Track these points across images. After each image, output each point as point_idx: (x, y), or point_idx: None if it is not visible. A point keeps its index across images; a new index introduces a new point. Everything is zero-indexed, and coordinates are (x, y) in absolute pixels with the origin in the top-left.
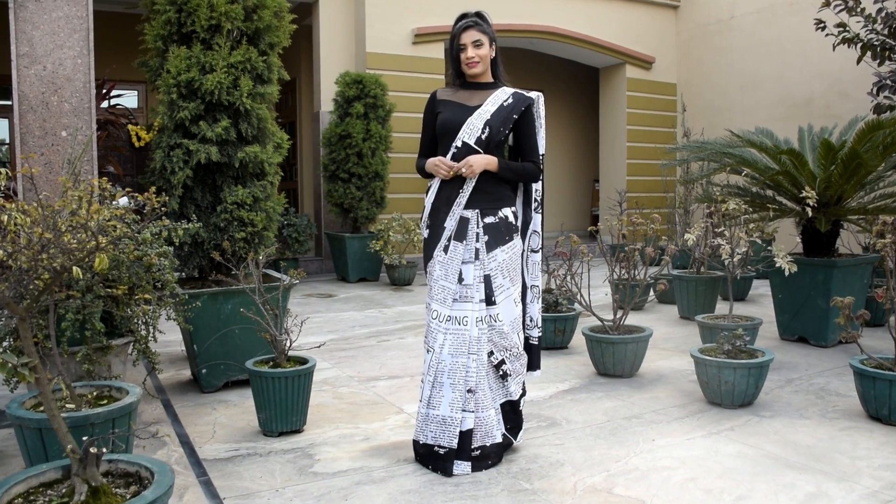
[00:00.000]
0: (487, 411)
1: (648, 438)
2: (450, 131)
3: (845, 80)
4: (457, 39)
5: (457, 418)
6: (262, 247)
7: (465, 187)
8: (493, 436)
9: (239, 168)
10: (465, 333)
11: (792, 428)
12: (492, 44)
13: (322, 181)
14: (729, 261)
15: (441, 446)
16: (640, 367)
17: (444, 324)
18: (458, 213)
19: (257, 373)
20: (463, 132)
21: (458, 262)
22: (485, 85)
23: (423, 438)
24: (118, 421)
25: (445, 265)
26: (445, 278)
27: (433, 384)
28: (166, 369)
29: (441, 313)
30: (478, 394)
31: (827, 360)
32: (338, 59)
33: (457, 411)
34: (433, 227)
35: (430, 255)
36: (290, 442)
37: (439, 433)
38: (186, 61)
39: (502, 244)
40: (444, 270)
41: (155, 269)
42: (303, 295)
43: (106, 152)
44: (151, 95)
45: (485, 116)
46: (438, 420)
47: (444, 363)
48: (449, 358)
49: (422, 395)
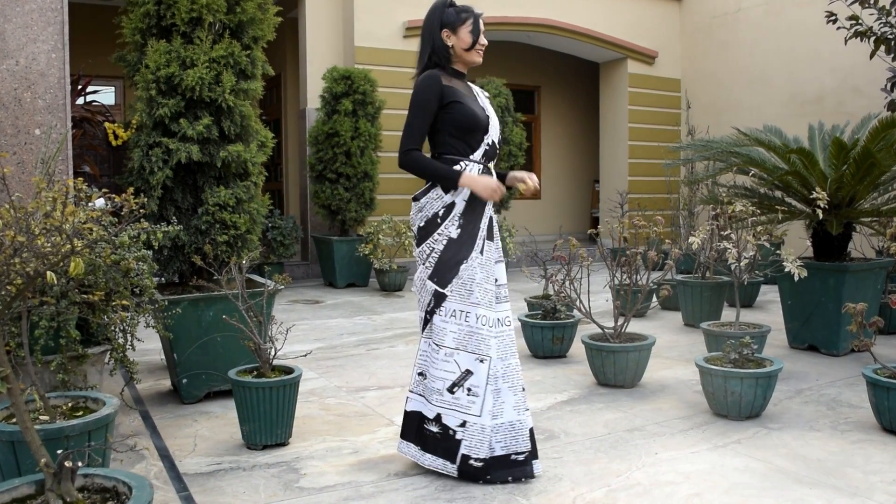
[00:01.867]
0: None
1: (651, 452)
2: (480, 127)
3: (858, 76)
4: (476, 23)
5: (523, 419)
6: (246, 250)
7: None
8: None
9: (221, 168)
10: (509, 334)
11: (802, 441)
12: None
13: (308, 182)
14: (736, 265)
15: (518, 452)
16: (642, 376)
17: (494, 328)
18: (488, 213)
19: (240, 383)
20: (493, 131)
21: (493, 263)
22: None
23: (492, 452)
24: (94, 433)
25: (486, 267)
26: (487, 280)
27: (494, 392)
28: (145, 379)
29: (490, 318)
30: (525, 391)
31: (838, 370)
32: (325, 54)
33: (521, 413)
34: (466, 227)
35: (465, 256)
36: (275, 455)
37: (511, 440)
38: (166, 56)
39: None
40: (486, 272)
41: (133, 274)
42: (288, 301)
43: (81, 151)
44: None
45: (497, 119)
46: (506, 427)
47: (497, 369)
48: (500, 362)
49: (480, 409)
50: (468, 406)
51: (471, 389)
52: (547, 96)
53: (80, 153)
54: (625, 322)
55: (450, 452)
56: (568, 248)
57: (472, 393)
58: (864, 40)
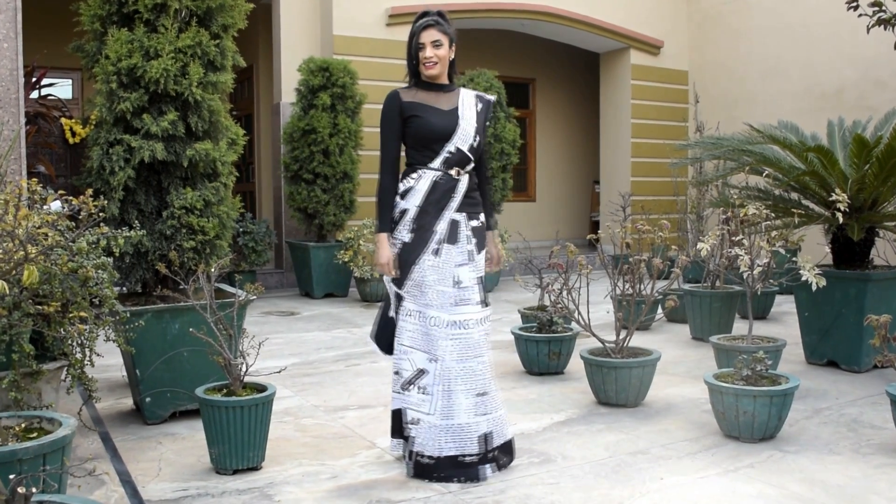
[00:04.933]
0: (499, 411)
1: (656, 477)
2: (438, 137)
3: (881, 67)
4: (416, 38)
5: (475, 423)
6: (215, 258)
7: (457, 191)
8: (505, 434)
9: (188, 168)
10: (469, 337)
11: (820, 465)
12: (451, 45)
13: (283, 182)
14: (748, 274)
15: (467, 454)
16: (646, 395)
17: (446, 329)
18: (448, 217)
19: (209, 402)
20: (457, 138)
21: (453, 266)
22: (445, 87)
23: (441, 452)
24: (50, 456)
25: (440, 269)
26: (441, 283)
27: (444, 393)
28: (105, 397)
29: (442, 319)
30: (488, 395)
31: (860, 388)
32: (301, 44)
33: (474, 417)
34: (419, 231)
35: (415, 259)
36: (247, 481)
37: (462, 442)
38: (128, 45)
39: (483, 248)
40: (440, 275)
41: (92, 284)
42: (261, 312)
43: (36, 149)
44: (88, 85)
45: (473, 124)
46: (456, 429)
47: (453, 370)
48: (457, 364)
49: (431, 408)
50: (419, 404)
51: (424, 388)
52: (542, 89)
53: (35, 151)
54: (627, 335)
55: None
56: (565, 255)
57: (424, 392)
58: (889, 28)
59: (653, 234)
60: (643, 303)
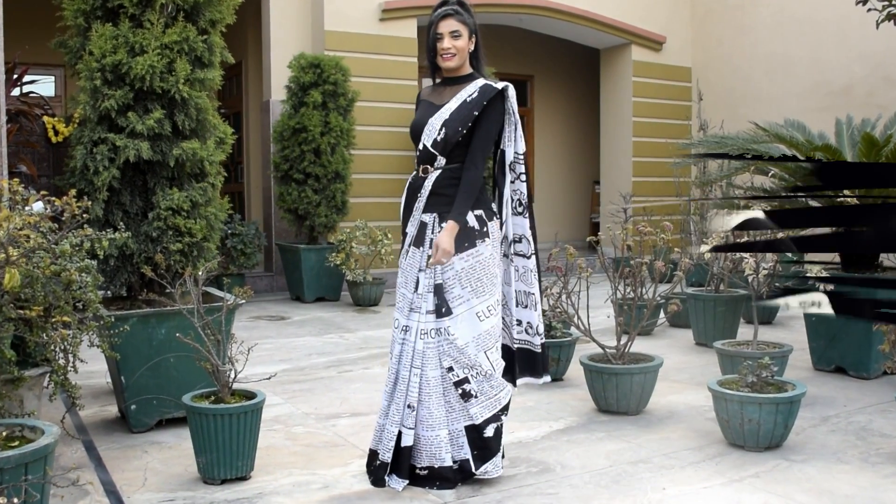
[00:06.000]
0: (434, 431)
1: (658, 487)
2: (414, 134)
3: (891, 64)
4: (433, 28)
5: (393, 431)
6: (202, 260)
7: (423, 190)
8: (441, 458)
9: (175, 167)
10: (410, 345)
11: (828, 474)
12: (472, 35)
13: (273, 183)
14: (753, 277)
15: (380, 459)
16: (648, 402)
17: (400, 333)
18: (418, 218)
19: (196, 409)
20: (425, 134)
21: (416, 270)
22: (460, 79)
23: (373, 445)
24: (32, 466)
25: (406, 272)
26: (405, 286)
27: (385, 393)
28: (89, 405)
29: (399, 322)
30: (421, 411)
31: (869, 395)
32: (291, 39)
33: (394, 425)
34: (403, 233)
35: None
36: (235, 491)
37: (381, 442)
38: (112, 41)
39: (461, 251)
40: (404, 277)
41: (75, 287)
42: (250, 317)
43: (17, 149)
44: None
45: (444, 116)
46: (379, 428)
47: (392, 372)
48: (403, 370)
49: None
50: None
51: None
52: (541, 87)
53: (16, 151)
54: (629, 341)
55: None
56: (565, 258)
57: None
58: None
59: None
60: (645, 307)
